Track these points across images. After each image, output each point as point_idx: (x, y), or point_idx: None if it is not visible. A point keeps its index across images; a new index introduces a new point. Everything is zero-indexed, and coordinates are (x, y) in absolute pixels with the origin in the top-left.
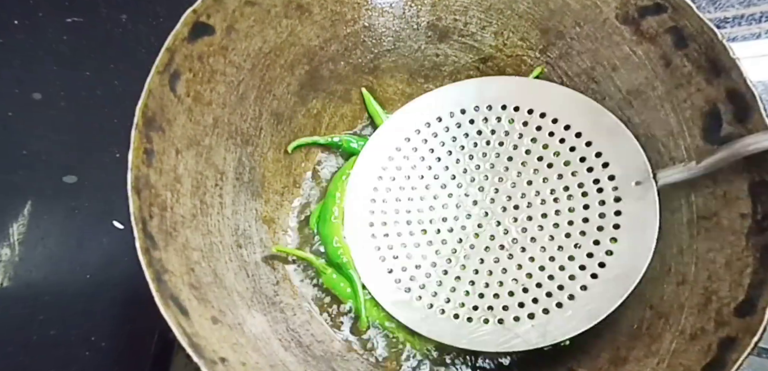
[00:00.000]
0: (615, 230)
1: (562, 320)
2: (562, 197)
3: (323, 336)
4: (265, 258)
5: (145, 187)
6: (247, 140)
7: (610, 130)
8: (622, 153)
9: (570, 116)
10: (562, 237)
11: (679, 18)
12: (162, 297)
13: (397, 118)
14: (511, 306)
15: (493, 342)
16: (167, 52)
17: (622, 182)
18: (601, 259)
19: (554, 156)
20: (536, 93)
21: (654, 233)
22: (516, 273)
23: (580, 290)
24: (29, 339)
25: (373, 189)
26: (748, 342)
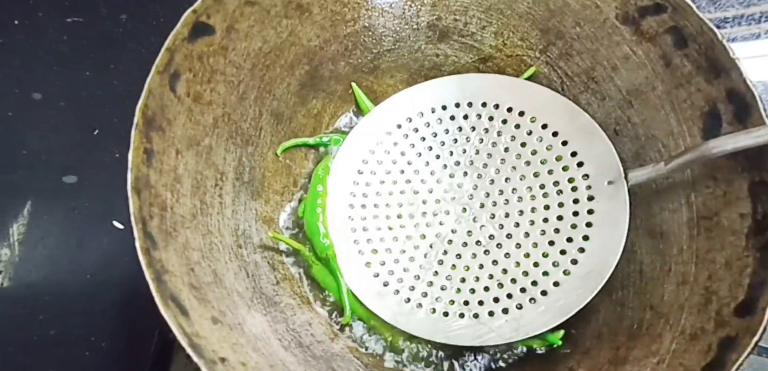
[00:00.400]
0: (587, 228)
1: (535, 315)
2: (538, 195)
3: (323, 337)
4: (265, 258)
5: (145, 187)
6: (247, 140)
7: (585, 130)
8: (596, 153)
9: (548, 115)
10: (537, 234)
11: (679, 18)
12: (162, 297)
13: (378, 112)
14: (486, 301)
15: (468, 336)
16: (167, 52)
17: (595, 182)
18: (573, 256)
19: (532, 154)
20: (516, 92)
21: (624, 231)
22: (492, 269)
23: (552, 286)
24: (29, 339)
25: (353, 183)
26: (748, 342)
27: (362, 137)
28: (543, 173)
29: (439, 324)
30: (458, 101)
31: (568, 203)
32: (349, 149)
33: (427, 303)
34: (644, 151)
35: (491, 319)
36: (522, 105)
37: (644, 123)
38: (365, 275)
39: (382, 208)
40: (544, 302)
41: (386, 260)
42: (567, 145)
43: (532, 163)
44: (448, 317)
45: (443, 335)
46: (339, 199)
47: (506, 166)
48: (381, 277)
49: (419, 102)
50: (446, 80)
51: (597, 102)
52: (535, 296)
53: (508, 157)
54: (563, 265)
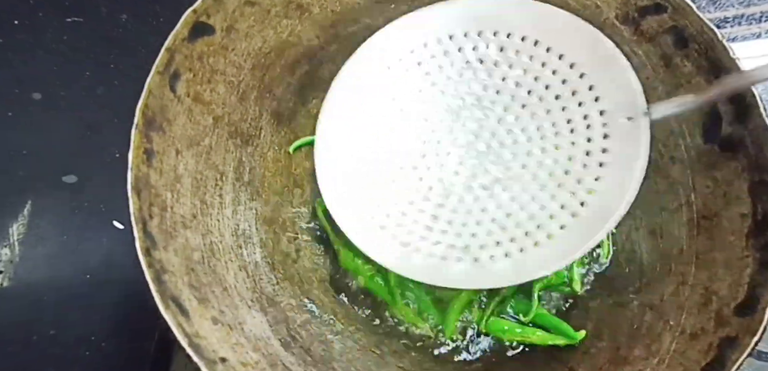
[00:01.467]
0: (599, 168)
1: (537, 257)
2: (549, 134)
3: (323, 336)
4: (265, 258)
5: (146, 187)
6: (247, 140)
7: (605, 60)
8: (616, 86)
9: (565, 44)
10: (545, 176)
11: (679, 18)
12: (162, 297)
13: (378, 40)
14: (488, 245)
15: (467, 280)
16: (167, 52)
17: (611, 118)
18: (582, 198)
19: (545, 89)
20: (531, 17)
21: (640, 171)
22: (495, 212)
23: (558, 229)
24: (29, 339)
25: (348, 121)
26: (748, 342)
27: (360, 70)
28: (555, 109)
29: (437, 268)
30: (467, 31)
31: (580, 142)
32: (344, 81)
33: (425, 246)
34: None
35: (491, 262)
36: (537, 33)
37: None
38: (361, 219)
39: (380, 149)
40: (548, 245)
41: (382, 203)
42: (584, 77)
43: (545, 99)
44: (446, 261)
45: (441, 278)
46: (332, 136)
47: (516, 103)
48: (377, 220)
49: (424, 31)
50: (455, 3)
51: None
52: (540, 239)
53: (518, 92)
54: (570, 208)
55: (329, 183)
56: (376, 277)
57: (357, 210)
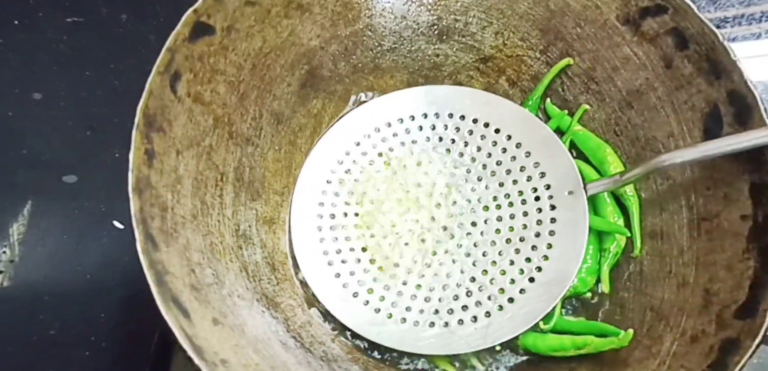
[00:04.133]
0: (550, 236)
1: (502, 322)
2: (504, 204)
3: (324, 338)
4: (266, 259)
5: (146, 188)
6: (248, 140)
7: (546, 142)
8: (557, 164)
9: (511, 127)
10: (503, 243)
11: (680, 19)
12: (163, 298)
13: (346, 121)
14: (456, 310)
15: (438, 346)
16: (168, 52)
17: (556, 192)
18: (538, 264)
19: (497, 164)
20: (481, 104)
21: (584, 239)
22: (460, 277)
23: (519, 293)
24: (29, 339)
25: (321, 192)
26: (749, 344)
27: (330, 146)
28: (508, 182)
29: (409, 334)
30: (426, 112)
31: (532, 212)
32: (316, 158)
33: (396, 313)
34: (644, 153)
35: (460, 327)
36: (487, 117)
37: (644, 125)
38: (334, 286)
39: (351, 218)
40: (510, 309)
41: (355, 271)
42: (530, 156)
43: (498, 173)
44: (418, 326)
45: (413, 345)
46: (307, 209)
47: (473, 175)
48: (350, 287)
49: (387, 112)
50: (413, 91)
51: (597, 103)
52: (503, 303)
53: (474, 167)
54: (528, 273)
55: (305, 254)
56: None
57: (331, 279)
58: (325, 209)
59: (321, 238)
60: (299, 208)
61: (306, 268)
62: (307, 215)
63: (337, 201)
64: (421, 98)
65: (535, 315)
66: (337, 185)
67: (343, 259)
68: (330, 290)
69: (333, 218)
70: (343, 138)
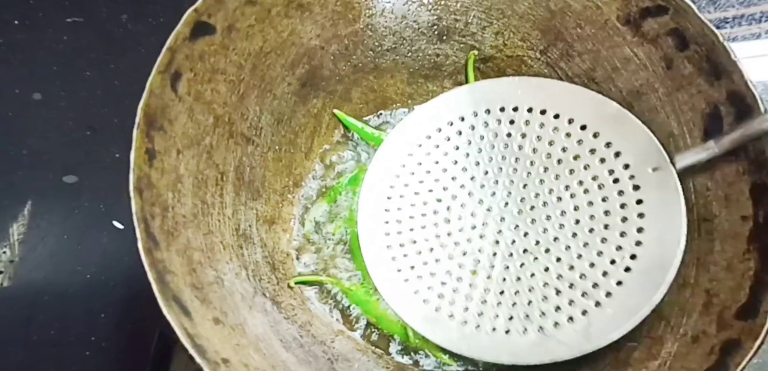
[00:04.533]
0: (640, 219)
1: (604, 319)
2: (578, 192)
3: (325, 337)
4: (266, 258)
5: (147, 187)
6: (248, 140)
7: (615, 118)
8: (633, 141)
9: (572, 109)
10: (586, 233)
11: (680, 20)
12: (164, 297)
13: (395, 135)
14: (548, 312)
15: (537, 354)
16: (169, 51)
17: (637, 170)
18: (631, 251)
19: (562, 152)
20: (532, 90)
21: (682, 217)
22: (545, 276)
23: (615, 285)
24: (29, 339)
25: (384, 211)
26: (750, 345)
27: (385, 164)
28: (578, 169)
29: (504, 344)
30: (475, 110)
31: (613, 196)
32: (373, 178)
33: (485, 322)
34: None
35: (557, 330)
36: (542, 103)
37: (644, 125)
38: (415, 304)
39: (418, 231)
40: (610, 304)
41: (433, 285)
42: (598, 136)
43: (564, 160)
44: (510, 334)
45: (510, 355)
46: (374, 230)
47: (537, 167)
48: (431, 303)
49: (436, 118)
50: (459, 91)
51: None
52: (600, 299)
53: (537, 159)
54: (622, 262)
55: (382, 277)
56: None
57: (410, 295)
58: (391, 227)
59: (392, 256)
60: (366, 231)
61: (386, 290)
62: (376, 236)
63: (402, 217)
64: (466, 97)
65: (639, 308)
66: (399, 200)
67: (419, 274)
68: (412, 309)
69: (400, 235)
70: (394, 156)
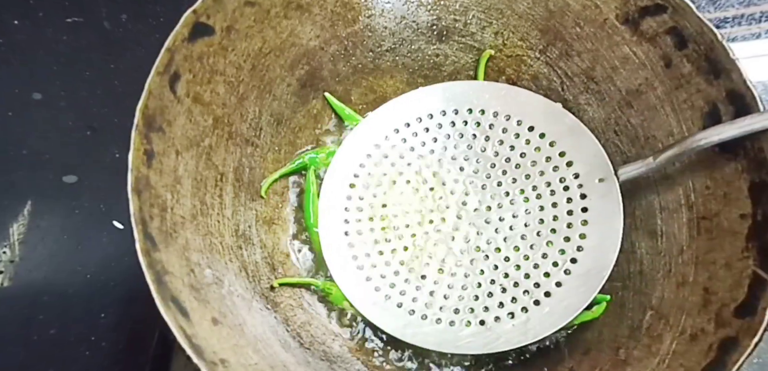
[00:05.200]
0: (583, 226)
1: (541, 317)
2: (532, 197)
3: (324, 337)
4: (265, 259)
5: (146, 188)
6: (247, 141)
7: (571, 130)
8: (584, 152)
9: (533, 117)
10: (535, 236)
11: (679, 19)
12: (162, 298)
13: (365, 125)
14: (492, 307)
15: (477, 345)
16: (167, 52)
17: (586, 180)
18: (572, 255)
19: (521, 157)
20: (500, 96)
21: (619, 227)
22: (493, 274)
23: (555, 286)
24: (29, 339)
25: (346, 198)
26: (748, 343)
27: (351, 152)
28: (534, 174)
29: (447, 334)
30: (444, 109)
31: (562, 202)
32: (338, 164)
33: (431, 313)
34: (644, 152)
35: (498, 324)
36: (508, 109)
37: (644, 124)
38: (366, 290)
39: (377, 221)
40: (548, 303)
41: (386, 274)
42: (555, 145)
43: (522, 165)
44: (454, 326)
45: (451, 345)
46: (333, 215)
47: (497, 170)
48: (382, 291)
49: (406, 112)
50: (431, 89)
51: (596, 103)
52: (539, 298)
53: (498, 161)
54: (563, 265)
55: (335, 261)
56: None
57: (362, 284)
58: (351, 215)
59: (349, 243)
60: (325, 215)
61: (338, 275)
62: (334, 222)
63: (363, 205)
64: (438, 96)
65: (574, 308)
66: (362, 190)
67: (373, 263)
68: (363, 295)
69: (359, 223)
70: (363, 142)
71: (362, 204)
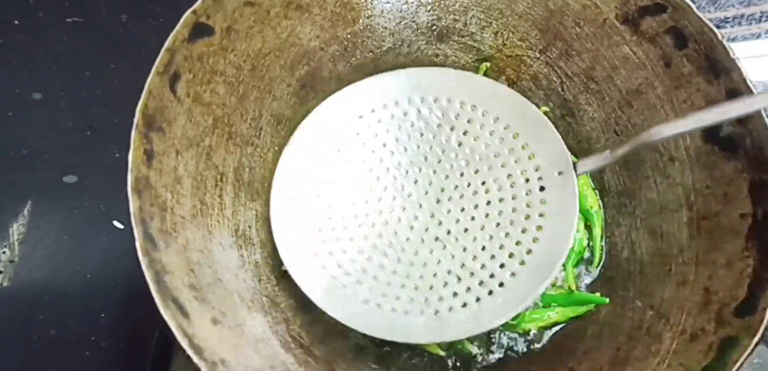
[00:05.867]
0: (540, 218)
1: (493, 307)
2: (492, 188)
3: (324, 337)
4: (266, 259)
5: (146, 188)
6: (247, 141)
7: (534, 122)
8: (546, 145)
9: (498, 108)
10: (493, 227)
11: (679, 18)
12: (162, 298)
13: (327, 106)
14: (446, 297)
15: (428, 334)
16: (167, 52)
17: (546, 173)
18: (528, 246)
19: (484, 147)
20: (466, 85)
21: (574, 220)
22: (450, 264)
23: (509, 277)
24: (29, 339)
25: (303, 183)
26: (748, 342)
27: (311, 134)
28: (496, 165)
29: (399, 323)
30: (410, 96)
31: (521, 194)
32: (298, 144)
33: (385, 303)
34: (644, 151)
35: (450, 314)
36: (473, 99)
37: (644, 123)
38: (319, 276)
39: (336, 207)
40: (501, 293)
41: (342, 262)
42: (518, 137)
43: (485, 156)
44: (408, 315)
45: (403, 334)
46: (288, 199)
47: (459, 160)
48: (337, 279)
49: (371, 97)
50: (399, 73)
51: (596, 102)
52: (493, 288)
53: (461, 151)
54: (519, 256)
55: (288, 247)
56: None
57: (317, 271)
58: (309, 202)
59: (305, 230)
60: (280, 200)
61: (289, 261)
62: (290, 207)
63: (321, 191)
64: (403, 82)
65: (525, 299)
66: (320, 175)
67: (330, 250)
68: (316, 282)
69: (317, 210)
70: (325, 126)
71: (321, 190)
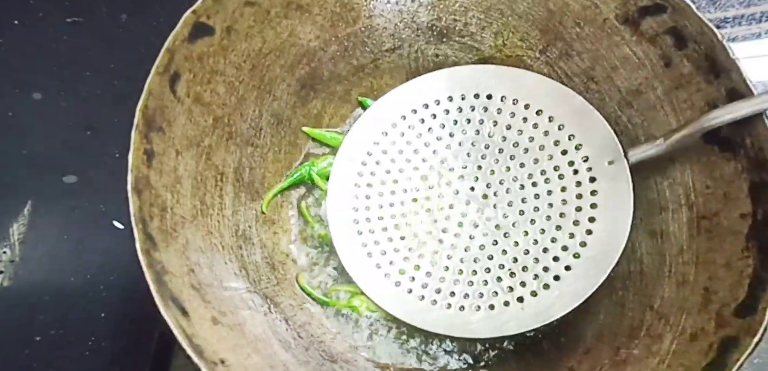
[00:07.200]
0: (592, 209)
1: (550, 301)
2: (540, 181)
3: (324, 337)
4: (266, 259)
5: (146, 188)
6: (247, 141)
7: (580, 112)
8: (594, 134)
9: (541, 100)
10: (543, 220)
11: (679, 18)
12: (162, 297)
13: (372, 113)
14: (501, 292)
15: (486, 329)
16: (167, 52)
17: (595, 163)
18: (581, 239)
19: (529, 141)
20: (507, 80)
21: (629, 210)
22: (502, 259)
23: (564, 270)
24: (29, 339)
25: (354, 186)
26: (748, 342)
27: (358, 140)
28: (542, 158)
29: (456, 319)
30: (451, 95)
31: (571, 186)
32: (346, 153)
33: (441, 298)
34: None
35: (507, 309)
36: (515, 93)
37: (644, 124)
38: (376, 277)
39: (386, 208)
40: (557, 287)
41: (395, 260)
42: (563, 128)
43: (531, 150)
44: (464, 311)
45: (461, 329)
46: (342, 203)
47: (505, 154)
48: (392, 277)
49: (412, 99)
50: (437, 74)
51: (597, 103)
52: (549, 282)
53: (505, 146)
54: (573, 248)
55: (345, 249)
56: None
57: (372, 271)
58: (359, 203)
59: (359, 231)
60: (335, 205)
61: (348, 262)
62: (343, 211)
63: (371, 193)
64: (443, 81)
65: (583, 292)
66: (370, 177)
67: (383, 250)
68: (373, 281)
69: (368, 211)
70: (370, 130)
71: (371, 192)
